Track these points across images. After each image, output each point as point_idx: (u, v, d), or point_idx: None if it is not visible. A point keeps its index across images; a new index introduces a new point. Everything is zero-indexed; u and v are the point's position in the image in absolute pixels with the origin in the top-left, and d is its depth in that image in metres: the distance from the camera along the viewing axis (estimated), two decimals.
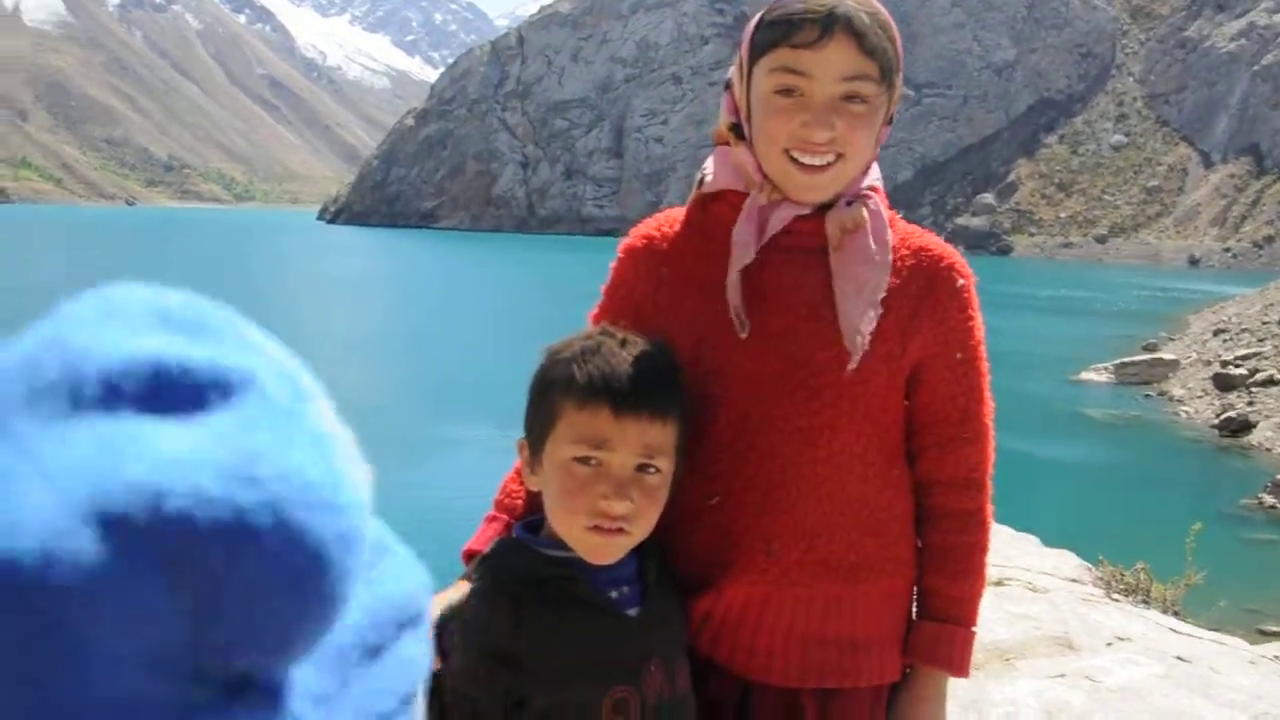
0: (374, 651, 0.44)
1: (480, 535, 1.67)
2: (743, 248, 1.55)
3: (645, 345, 1.50)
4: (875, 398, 1.57)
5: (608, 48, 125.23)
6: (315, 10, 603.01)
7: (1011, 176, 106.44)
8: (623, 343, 1.49)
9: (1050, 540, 5.62)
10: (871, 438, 1.58)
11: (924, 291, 1.58)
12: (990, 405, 1.64)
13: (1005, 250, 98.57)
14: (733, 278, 1.55)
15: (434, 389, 19.95)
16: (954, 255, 1.64)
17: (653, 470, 1.47)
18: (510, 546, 1.55)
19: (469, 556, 1.64)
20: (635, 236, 1.69)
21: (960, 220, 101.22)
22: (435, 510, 10.75)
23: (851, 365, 1.52)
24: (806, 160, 1.49)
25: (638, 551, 1.52)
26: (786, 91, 1.48)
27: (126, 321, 0.35)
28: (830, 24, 1.44)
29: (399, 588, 0.47)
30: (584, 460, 1.45)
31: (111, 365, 0.34)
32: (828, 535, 1.56)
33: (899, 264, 1.58)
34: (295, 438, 0.36)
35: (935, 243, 1.64)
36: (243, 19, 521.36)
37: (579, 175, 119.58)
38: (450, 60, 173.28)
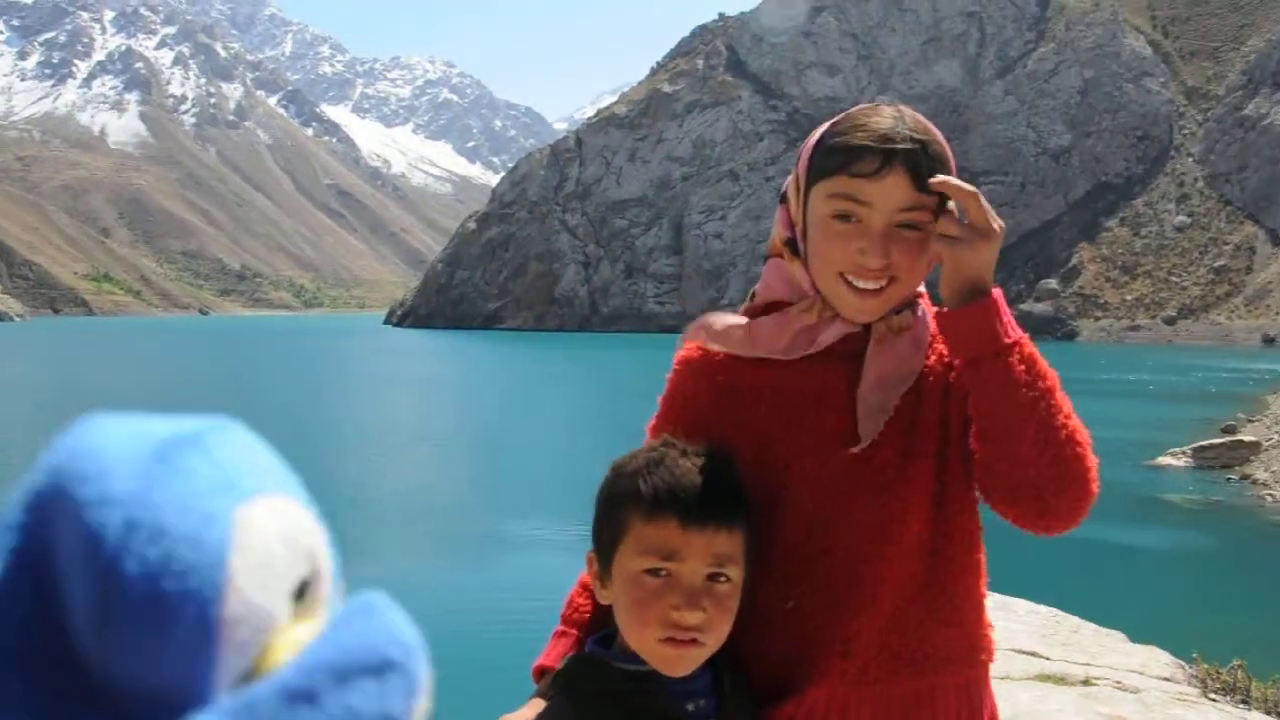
0: (304, 697, 0.48)
1: (550, 651, 1.68)
2: (775, 346, 1.60)
3: (707, 455, 1.52)
4: (940, 486, 1.58)
5: (664, 147, 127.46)
6: (379, 121, 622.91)
7: (1074, 261, 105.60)
8: (684, 453, 1.51)
9: (1137, 636, 5.43)
10: (942, 525, 1.59)
11: (951, 368, 1.61)
12: None
13: (1071, 335, 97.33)
14: (739, 333, 1.62)
15: (500, 489, 20.05)
16: None
17: (723, 579, 1.47)
18: (584, 662, 1.54)
19: (539, 672, 1.65)
20: (690, 347, 1.70)
21: (1023, 306, 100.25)
22: (501, 617, 10.74)
23: (856, 449, 1.55)
24: (861, 285, 1.52)
25: (711, 663, 1.51)
26: (844, 217, 1.51)
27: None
28: (890, 157, 1.48)
29: (348, 638, 0.50)
30: (654, 572, 1.46)
31: None
32: (903, 629, 1.57)
33: (936, 344, 1.62)
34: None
35: None
36: (310, 132, 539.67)
37: (640, 273, 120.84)
38: (510, 164, 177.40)
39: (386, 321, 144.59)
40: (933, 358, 1.61)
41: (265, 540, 0.52)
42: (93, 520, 0.47)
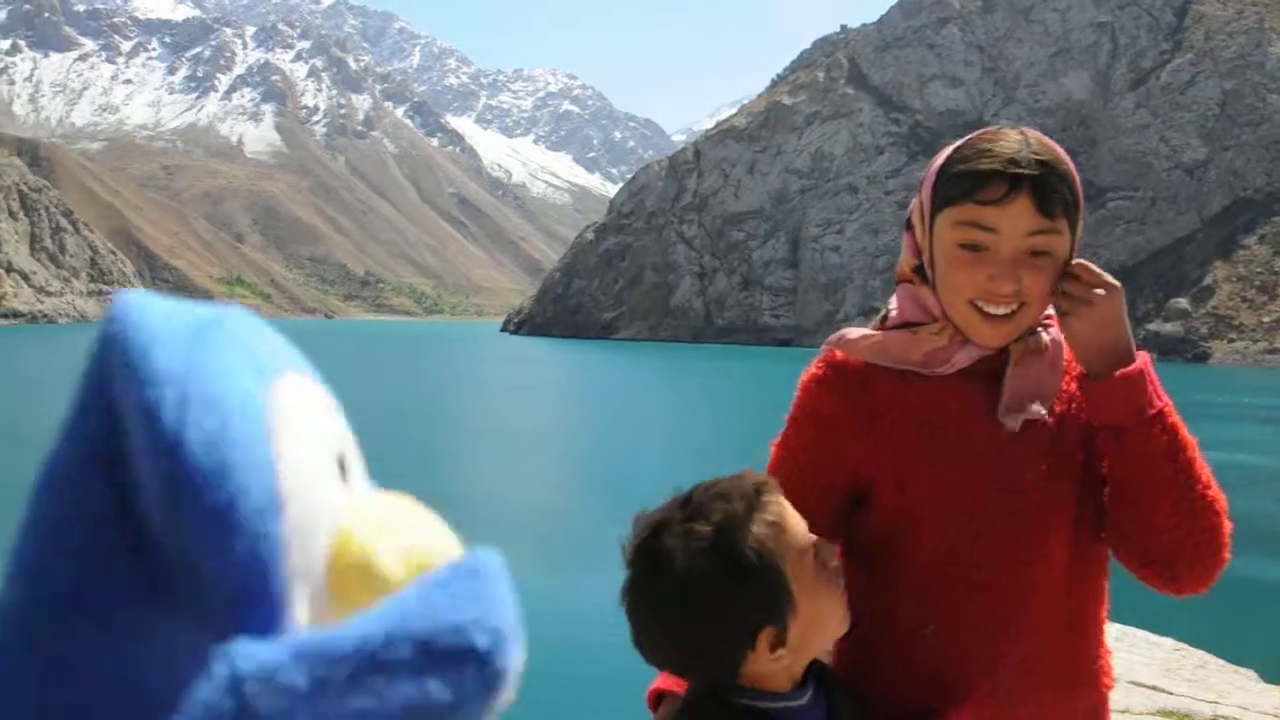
0: (382, 668, 0.47)
1: (665, 675, 1.64)
2: (909, 358, 1.60)
3: (723, 480, 1.49)
4: (1080, 510, 1.59)
5: (782, 159, 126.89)
6: (501, 132, 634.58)
7: (1207, 280, 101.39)
8: (704, 489, 1.47)
9: (1271, 675, 5.22)
10: (1079, 550, 1.59)
11: None
12: None
13: (1202, 357, 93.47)
14: (870, 343, 1.63)
15: (609, 497, 20.17)
16: None
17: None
18: (709, 698, 1.50)
19: (655, 696, 1.63)
20: (821, 366, 1.68)
21: (1151, 326, 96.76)
22: (608, 627, 10.81)
23: (1014, 425, 1.56)
24: (991, 310, 1.52)
25: (828, 695, 1.50)
26: (972, 246, 1.50)
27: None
28: (1016, 182, 1.46)
29: (444, 608, 0.49)
30: (822, 563, 1.46)
31: None
32: (1048, 653, 1.57)
33: (1071, 367, 1.62)
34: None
35: None
36: (435, 142, 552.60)
37: (755, 285, 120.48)
38: (629, 175, 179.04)
39: (504, 329, 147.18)
40: (1075, 384, 1.60)
41: (299, 414, 0.54)
42: (149, 396, 0.48)
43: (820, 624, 1.46)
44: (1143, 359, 1.50)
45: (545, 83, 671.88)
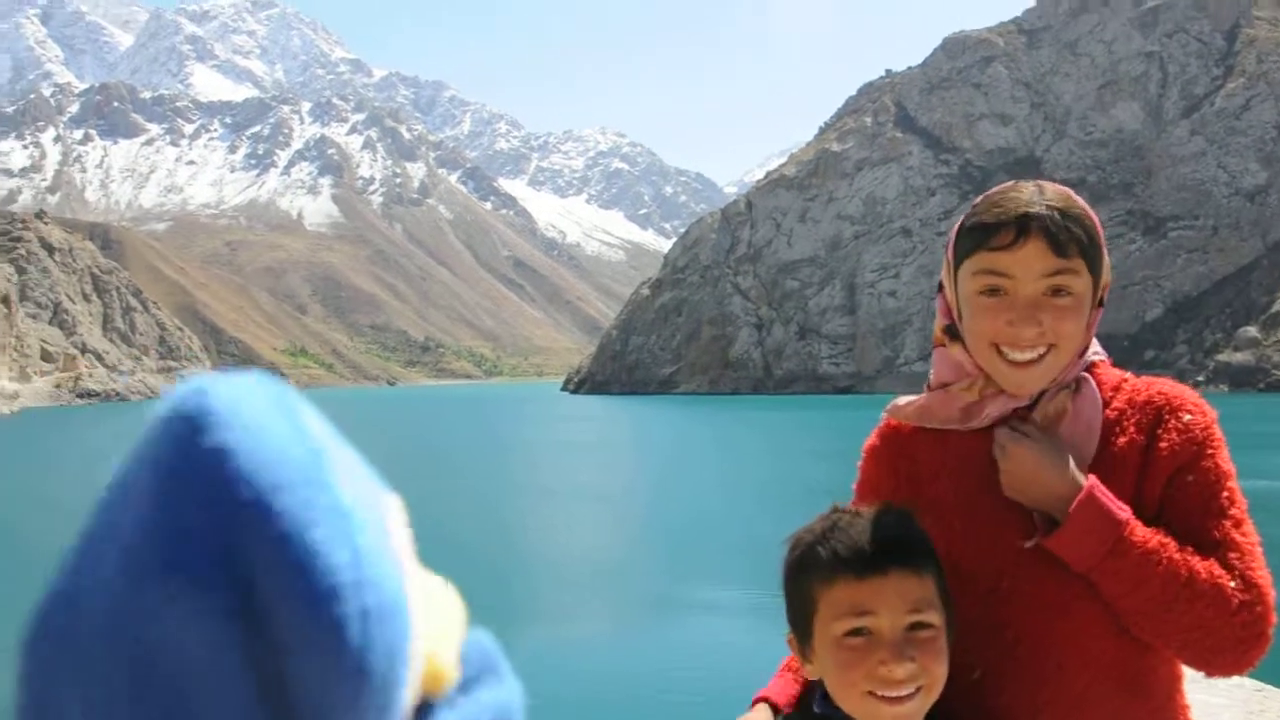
0: None
1: (774, 685, 1.72)
2: (948, 416, 1.66)
3: (879, 511, 1.55)
4: None
5: (834, 206, 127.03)
6: (554, 193, 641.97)
7: (1277, 306, 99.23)
8: (856, 514, 1.54)
9: None
10: None
11: (1151, 440, 1.58)
12: (1255, 538, 1.54)
13: (1277, 385, 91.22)
14: (914, 408, 1.72)
15: (677, 550, 20.30)
16: (1184, 395, 1.62)
17: (926, 627, 1.48)
18: (807, 714, 1.57)
19: (757, 703, 1.72)
20: (876, 435, 1.79)
21: (1221, 357, 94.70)
22: (675, 680, 10.94)
23: (1029, 543, 1.56)
24: (1015, 356, 1.56)
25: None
26: (991, 291, 1.56)
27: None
28: (1025, 225, 1.51)
29: (495, 698, 0.53)
30: (855, 633, 1.47)
31: None
32: (1096, 707, 1.55)
33: (1126, 423, 1.60)
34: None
35: (1163, 391, 1.62)
36: (489, 206, 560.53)
37: (813, 334, 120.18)
38: (682, 230, 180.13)
39: (564, 388, 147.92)
40: (1122, 439, 1.59)
41: (405, 549, 0.50)
42: (333, 614, 0.42)
43: (833, 685, 1.52)
44: (1081, 501, 1.51)
45: (595, 142, 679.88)
